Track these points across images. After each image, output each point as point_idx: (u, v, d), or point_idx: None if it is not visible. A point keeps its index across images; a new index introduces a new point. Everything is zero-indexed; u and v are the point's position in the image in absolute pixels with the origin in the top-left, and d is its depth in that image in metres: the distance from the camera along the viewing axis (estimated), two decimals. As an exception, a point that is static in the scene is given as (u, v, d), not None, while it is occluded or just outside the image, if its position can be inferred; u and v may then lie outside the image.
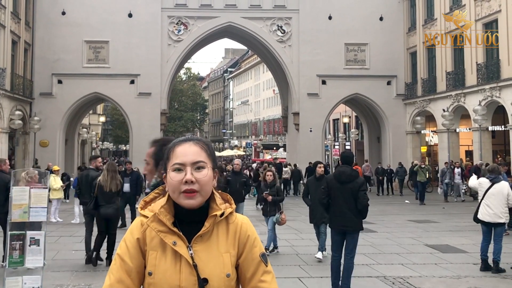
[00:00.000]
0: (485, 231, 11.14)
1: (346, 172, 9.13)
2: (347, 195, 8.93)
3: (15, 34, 33.15)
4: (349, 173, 9.11)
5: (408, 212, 22.90)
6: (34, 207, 7.15)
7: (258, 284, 2.40)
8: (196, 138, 2.48)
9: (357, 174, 9.27)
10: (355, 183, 8.93)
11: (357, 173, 9.43)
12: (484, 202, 11.10)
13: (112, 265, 2.41)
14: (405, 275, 10.67)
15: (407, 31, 38.36)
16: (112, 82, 36.13)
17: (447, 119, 30.27)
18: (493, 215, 10.90)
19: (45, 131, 34.45)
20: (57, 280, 9.43)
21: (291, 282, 10.04)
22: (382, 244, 14.39)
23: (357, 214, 8.91)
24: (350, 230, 9.00)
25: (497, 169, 11.60)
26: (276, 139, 76.77)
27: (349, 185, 8.94)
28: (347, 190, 8.95)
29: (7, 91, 31.04)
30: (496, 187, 11.05)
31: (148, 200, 2.53)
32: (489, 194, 11.05)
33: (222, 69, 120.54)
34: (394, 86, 38.07)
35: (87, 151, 54.30)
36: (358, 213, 8.91)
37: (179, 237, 2.34)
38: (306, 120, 37.40)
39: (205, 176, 2.36)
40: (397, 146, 37.58)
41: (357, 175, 9.21)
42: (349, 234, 9.02)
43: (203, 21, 37.31)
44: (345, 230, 9.04)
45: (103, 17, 36.15)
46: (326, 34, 37.32)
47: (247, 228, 2.47)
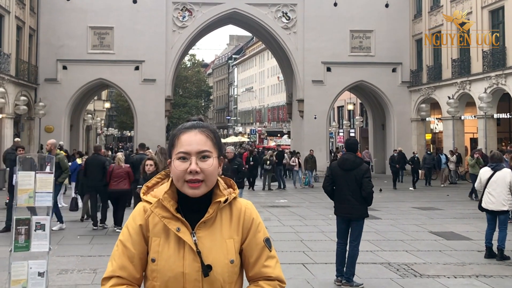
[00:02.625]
0: (490, 219, 11.13)
1: (349, 159, 9.11)
2: (351, 182, 8.91)
3: (19, 20, 33.10)
4: (353, 160, 9.08)
5: (412, 199, 22.91)
6: (39, 192, 7.17)
7: (262, 269, 2.40)
8: (202, 125, 2.42)
9: (361, 161, 9.21)
10: (359, 170, 8.90)
11: (361, 160, 9.36)
12: (487, 191, 11.07)
13: (114, 251, 2.40)
14: (409, 262, 10.68)
15: (412, 18, 38.15)
16: (117, 68, 36.10)
17: (452, 106, 30.19)
18: (496, 202, 10.88)
19: (50, 117, 34.51)
20: (63, 265, 9.48)
21: (295, 268, 10.06)
22: (386, 231, 14.40)
23: (362, 201, 8.90)
24: (355, 217, 8.98)
25: (498, 156, 11.54)
26: (281, 126, 76.70)
27: (353, 172, 8.92)
28: (351, 177, 8.92)
29: (12, 76, 31.06)
30: (498, 175, 11.00)
31: (150, 185, 2.51)
32: (491, 182, 11.00)
33: (227, 56, 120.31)
34: (399, 73, 37.92)
35: (92, 137, 54.37)
36: (362, 200, 8.90)
37: (182, 223, 2.33)
38: (311, 107, 37.33)
39: (210, 166, 2.34)
40: (402, 134, 37.53)
41: (361, 162, 9.15)
42: (354, 221, 9.00)
43: (208, 7, 37.16)
44: (350, 217, 9.03)
45: (107, 3, 36.06)
46: (331, 21, 37.14)
47: (251, 212, 2.46)
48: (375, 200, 9.70)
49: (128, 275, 2.35)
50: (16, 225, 7.13)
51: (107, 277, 2.36)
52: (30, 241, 7.13)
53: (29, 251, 7.14)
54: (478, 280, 9.28)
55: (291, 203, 21.58)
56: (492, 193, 10.94)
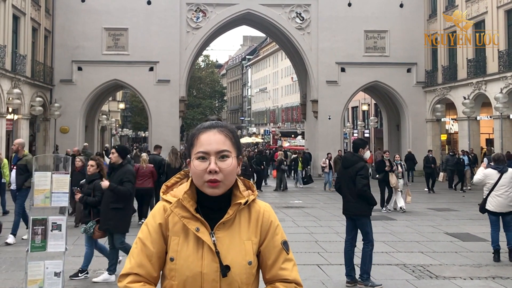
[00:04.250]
0: (494, 220, 10.97)
1: (347, 157, 9.39)
2: (348, 180, 9.07)
3: (35, 21, 33.35)
4: (349, 158, 9.25)
5: (427, 200, 22.78)
6: (56, 192, 7.22)
7: (279, 272, 2.40)
8: (221, 124, 2.44)
9: (357, 159, 9.15)
10: (353, 168, 9.00)
11: (358, 158, 9.21)
12: (495, 193, 10.88)
13: (132, 249, 2.41)
14: (425, 263, 10.63)
15: (427, 18, 37.94)
16: (131, 69, 36.27)
17: (468, 107, 29.97)
18: (506, 205, 10.76)
19: (65, 118, 34.76)
20: (78, 265, 9.51)
21: (310, 269, 10.04)
22: (401, 232, 14.34)
23: (358, 199, 8.96)
24: (353, 215, 9.11)
25: (503, 158, 11.41)
26: (294, 126, 76.59)
27: (349, 170, 9.06)
28: (348, 175, 9.09)
29: (28, 77, 31.29)
30: (506, 177, 10.88)
31: (170, 185, 2.52)
32: (499, 185, 10.84)
33: (241, 57, 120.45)
34: (414, 74, 37.74)
35: (107, 138, 54.68)
36: (358, 198, 8.95)
37: (202, 223, 2.34)
38: (325, 107, 37.25)
39: (229, 166, 2.34)
40: (417, 134, 37.33)
41: (358, 160, 9.12)
42: (357, 219, 9.11)
43: (222, 8, 37.23)
44: (349, 215, 9.20)
45: (122, 4, 36.26)
46: (345, 21, 37.06)
47: (270, 215, 2.47)
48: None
49: (145, 273, 2.36)
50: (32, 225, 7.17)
51: (125, 273, 2.37)
52: (47, 241, 7.18)
53: (45, 251, 7.19)
54: (494, 282, 9.21)
55: (305, 203, 21.56)
56: (502, 196, 10.79)
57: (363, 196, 8.87)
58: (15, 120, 30.31)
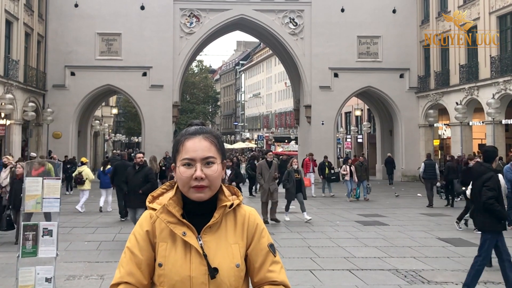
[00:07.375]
0: None
1: (475, 168, 9.20)
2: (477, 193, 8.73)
3: (28, 27, 33.29)
4: (477, 168, 9.01)
5: (420, 206, 22.79)
6: (47, 197, 7.19)
7: (267, 274, 2.41)
8: (206, 130, 2.45)
9: (485, 169, 8.71)
10: (481, 179, 8.64)
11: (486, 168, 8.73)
12: None
13: (122, 258, 2.42)
14: (417, 268, 10.63)
15: (420, 24, 38.12)
16: (125, 74, 36.26)
17: (460, 112, 30.08)
18: None
19: (58, 123, 34.69)
20: (70, 271, 9.49)
21: (303, 274, 10.02)
22: (394, 237, 14.35)
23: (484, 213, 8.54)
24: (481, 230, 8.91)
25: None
26: (288, 131, 76.69)
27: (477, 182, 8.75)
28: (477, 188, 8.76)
29: (21, 83, 31.22)
30: None
31: (156, 195, 2.53)
32: None
33: (234, 62, 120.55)
34: (407, 79, 37.90)
35: (100, 143, 54.50)
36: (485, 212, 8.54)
37: (188, 227, 2.35)
38: (318, 113, 37.34)
39: (215, 172, 2.37)
40: (410, 139, 37.47)
41: (486, 171, 8.66)
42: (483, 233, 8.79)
43: (215, 13, 37.30)
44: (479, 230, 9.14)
45: (115, 9, 36.26)
46: (338, 27, 37.20)
47: (255, 218, 2.49)
48: (383, 206, 9.64)
49: (136, 281, 2.36)
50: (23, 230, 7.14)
51: (115, 283, 2.38)
52: (38, 247, 7.14)
53: (36, 256, 7.15)
54: (486, 287, 9.22)
55: (298, 209, 21.51)
56: None
57: (489, 209, 8.37)
58: (8, 126, 30.21)
